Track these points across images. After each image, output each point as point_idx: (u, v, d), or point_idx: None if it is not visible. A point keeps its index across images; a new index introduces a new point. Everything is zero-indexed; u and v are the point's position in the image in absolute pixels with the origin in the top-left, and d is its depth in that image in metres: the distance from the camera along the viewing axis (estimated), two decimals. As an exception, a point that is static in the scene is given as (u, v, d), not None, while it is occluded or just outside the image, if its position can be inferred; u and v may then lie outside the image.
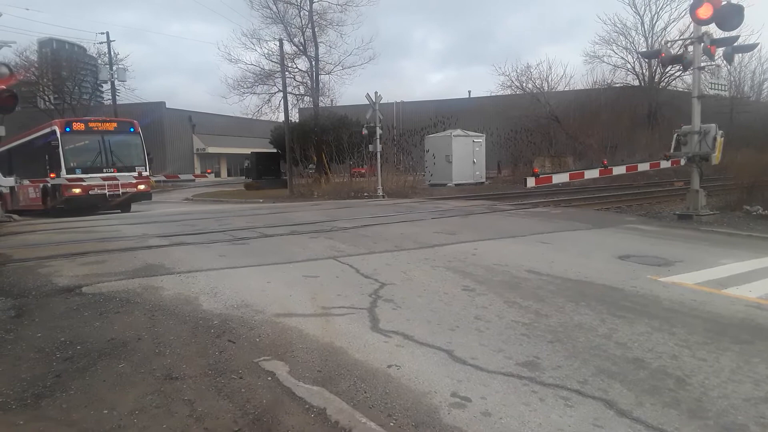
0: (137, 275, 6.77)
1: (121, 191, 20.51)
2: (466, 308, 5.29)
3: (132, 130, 21.86)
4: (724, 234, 10.13)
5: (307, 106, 35.55)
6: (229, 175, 66.96)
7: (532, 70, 40.50)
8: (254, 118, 34.86)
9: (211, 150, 62.38)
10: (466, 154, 30.11)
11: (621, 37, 39.96)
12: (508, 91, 41.58)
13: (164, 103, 58.17)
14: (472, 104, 48.94)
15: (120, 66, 44.76)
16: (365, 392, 3.48)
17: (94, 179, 20.23)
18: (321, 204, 19.80)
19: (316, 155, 30.41)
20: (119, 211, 20.40)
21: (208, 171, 56.56)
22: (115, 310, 5.27)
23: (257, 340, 4.43)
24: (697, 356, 4.05)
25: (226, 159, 67.64)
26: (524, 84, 40.36)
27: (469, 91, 57.98)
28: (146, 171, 21.95)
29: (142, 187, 21.45)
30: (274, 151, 38.29)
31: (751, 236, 9.79)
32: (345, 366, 3.89)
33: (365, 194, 23.15)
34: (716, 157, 11.84)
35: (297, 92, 33.58)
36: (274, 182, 35.16)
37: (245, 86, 32.37)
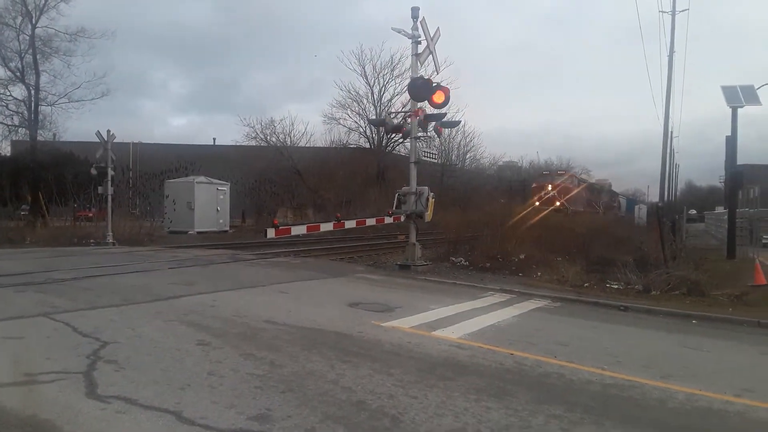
0: None
1: None
2: (200, 364, 5.11)
3: None
4: (435, 282, 11.71)
5: (22, 138, 30.75)
6: None
7: (276, 125, 41.72)
8: (-51, 146, 28.80)
9: None
10: (209, 202, 29.31)
11: (354, 103, 43.91)
12: (254, 143, 42.13)
13: None
14: (217, 152, 48.18)
15: None
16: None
17: None
18: (35, 252, 17.04)
19: (32, 194, 26.29)
20: None
21: None
22: None
23: (-71, 422, 3.60)
24: (410, 394, 4.58)
25: None
26: (268, 137, 41.41)
27: (214, 139, 57.02)
28: None
29: None
30: (-25, 187, 31.92)
31: (455, 284, 11.51)
32: (51, 442, 3.40)
33: (92, 241, 20.69)
34: (429, 215, 13.74)
35: (9, 122, 28.87)
36: (-28, 225, 29.11)
37: (-60, 110, 26.68)
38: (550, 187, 38.14)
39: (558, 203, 36.20)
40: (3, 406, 3.88)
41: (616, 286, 11.61)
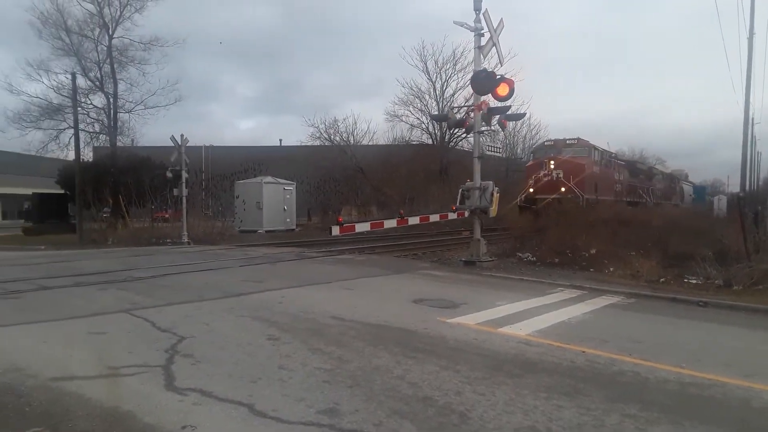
0: None
1: None
2: (270, 358, 5.25)
3: None
4: (501, 278, 11.52)
5: (103, 144, 32.68)
6: (5, 218, 57.79)
7: (339, 124, 42.32)
8: (38, 155, 30.99)
9: (-21, 189, 53.44)
10: (276, 201, 30.13)
11: (416, 99, 43.78)
12: (318, 142, 42.91)
13: None
14: (283, 152, 49.39)
15: None
16: (155, 457, 3.24)
17: None
18: (116, 251, 18.10)
19: (113, 198, 27.88)
20: None
21: None
22: None
23: (27, 409, 3.88)
24: (478, 391, 4.52)
25: (1, 200, 58.51)
26: (332, 136, 42.04)
27: (281, 140, 58.53)
28: None
29: None
30: (62, 192, 34.24)
31: (522, 280, 11.27)
32: None
33: (169, 241, 21.75)
34: (493, 210, 13.52)
35: (91, 130, 30.76)
36: (61, 227, 31.22)
37: (28, 120, 28.80)
38: (552, 165, 26.60)
39: (563, 188, 25.55)
40: (89, 397, 4.14)
41: (694, 281, 11.01)
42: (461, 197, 13.72)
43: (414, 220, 15.30)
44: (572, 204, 23.72)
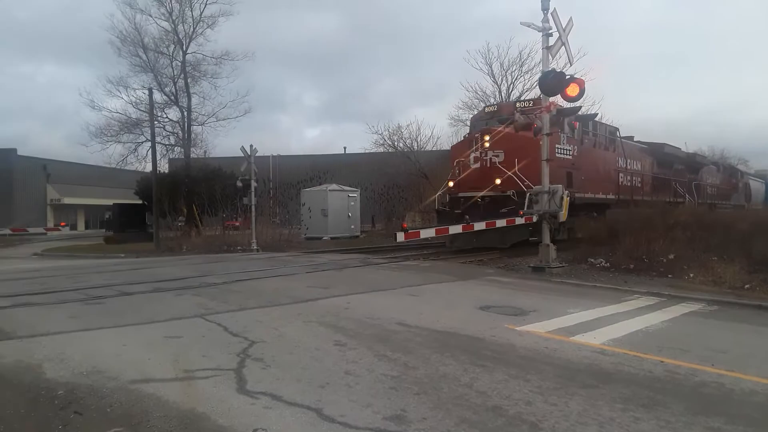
0: (-33, 342, 5.96)
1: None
2: (337, 363, 5.29)
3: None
4: (572, 284, 11.14)
5: (177, 156, 34.33)
6: (87, 227, 61.63)
7: (403, 130, 42.40)
8: (118, 167, 32.95)
9: (67, 201, 57.23)
10: (341, 208, 30.59)
11: (481, 103, 43.10)
12: (382, 149, 43.20)
13: (15, 150, 52.84)
14: (348, 160, 50.08)
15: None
16: (228, 459, 3.32)
17: None
18: (190, 258, 18.90)
19: (187, 207, 29.19)
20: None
21: (62, 224, 51.57)
22: (-64, 385, 4.59)
23: (108, 410, 4.08)
24: (549, 401, 4.36)
25: (84, 210, 62.45)
26: (396, 143, 42.17)
27: (345, 147, 59.25)
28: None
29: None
30: (140, 202, 36.19)
31: (595, 287, 10.86)
32: (207, 432, 3.70)
33: (239, 248, 22.49)
34: (563, 215, 13.12)
35: (167, 142, 32.41)
36: (139, 235, 33.00)
37: (109, 134, 30.76)
38: (487, 142, 17.51)
39: (499, 180, 16.89)
40: (166, 399, 4.30)
41: (784, 288, 10.21)
42: (529, 201, 13.41)
43: (480, 226, 15.06)
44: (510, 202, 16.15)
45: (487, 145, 17.21)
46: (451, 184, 18.72)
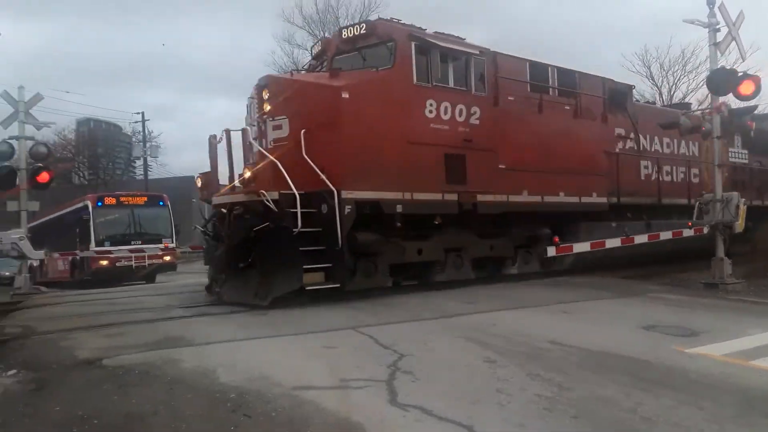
0: (157, 347, 6.79)
1: (147, 262, 20.91)
2: (487, 380, 5.20)
3: (161, 203, 22.57)
4: (751, 303, 9.93)
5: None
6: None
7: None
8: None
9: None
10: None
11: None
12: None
13: (194, 176, 59.70)
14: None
15: (153, 143, 46.73)
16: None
17: (121, 251, 20.71)
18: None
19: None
20: (144, 282, 20.67)
21: None
22: (134, 383, 5.29)
23: (273, 414, 4.39)
24: (726, 431, 3.90)
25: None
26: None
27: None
28: (172, 243, 22.39)
29: (167, 258, 21.86)
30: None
31: (781, 305, 9.54)
32: (362, 442, 3.83)
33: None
34: (740, 225, 11.73)
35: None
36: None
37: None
38: (267, 103, 9.88)
39: (248, 172, 9.64)
40: (324, 407, 4.53)
41: None
42: (698, 211, 12.20)
43: (641, 239, 13.94)
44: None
45: (266, 107, 9.91)
46: (199, 184, 12.09)
